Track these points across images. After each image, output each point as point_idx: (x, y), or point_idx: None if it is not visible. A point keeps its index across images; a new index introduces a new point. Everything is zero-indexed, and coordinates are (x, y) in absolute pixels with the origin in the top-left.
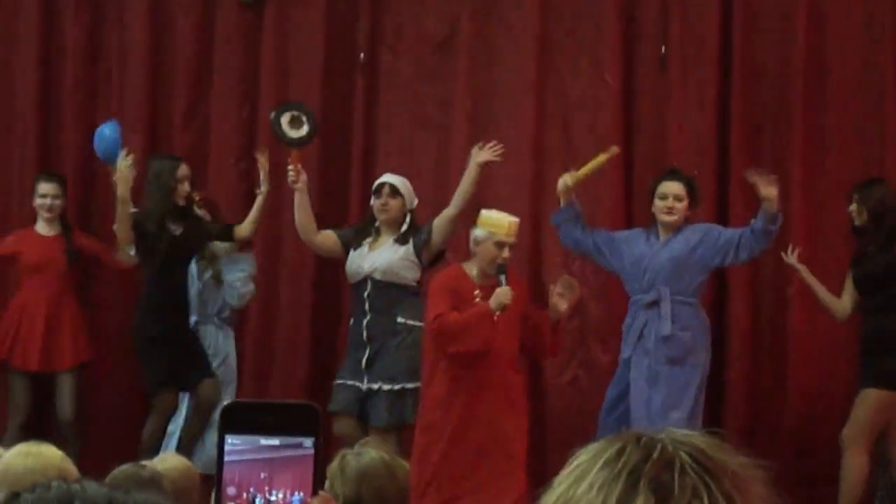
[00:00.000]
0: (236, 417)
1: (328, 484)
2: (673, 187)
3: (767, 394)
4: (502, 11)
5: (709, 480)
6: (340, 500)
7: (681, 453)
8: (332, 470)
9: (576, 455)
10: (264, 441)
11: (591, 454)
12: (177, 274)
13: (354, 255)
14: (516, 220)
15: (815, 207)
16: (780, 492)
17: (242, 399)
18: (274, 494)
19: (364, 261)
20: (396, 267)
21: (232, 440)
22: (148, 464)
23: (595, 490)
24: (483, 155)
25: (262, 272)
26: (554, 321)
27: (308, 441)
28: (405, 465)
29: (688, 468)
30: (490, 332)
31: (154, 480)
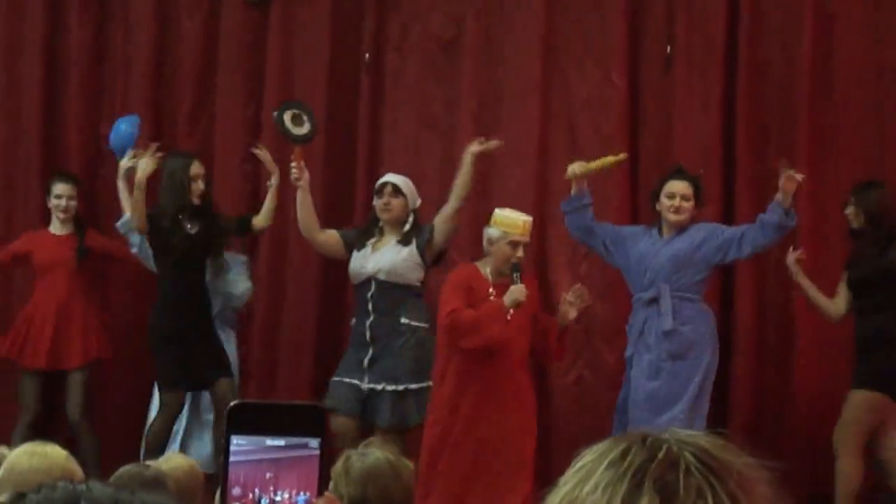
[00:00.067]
0: (242, 418)
1: (332, 485)
2: (680, 187)
3: (772, 393)
4: (508, 11)
5: (714, 481)
6: (345, 501)
7: (686, 453)
8: (337, 470)
9: (581, 455)
10: (270, 441)
11: (597, 454)
12: (192, 272)
13: (358, 256)
14: (530, 219)
15: (820, 207)
16: (785, 492)
17: (249, 400)
18: (279, 495)
19: (367, 261)
20: (400, 267)
21: (238, 440)
22: (152, 463)
23: (600, 490)
24: (475, 147)
25: (268, 272)
26: (562, 328)
27: (314, 442)
28: (410, 466)
29: (693, 468)
30: (503, 329)
31: (158, 480)
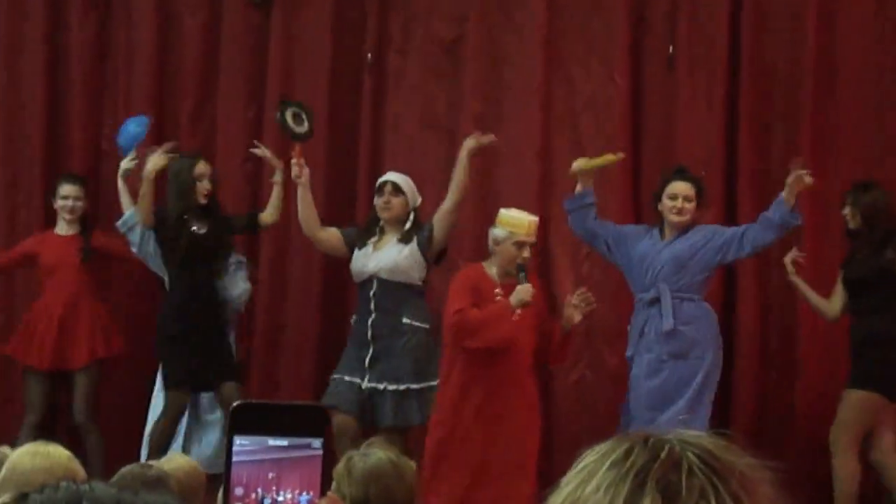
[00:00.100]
0: (245, 418)
1: (335, 485)
2: (683, 188)
3: (775, 394)
4: (510, 12)
5: (716, 481)
6: (348, 501)
7: (688, 454)
8: (339, 471)
9: (583, 456)
10: (273, 442)
11: (599, 454)
12: (200, 273)
13: (359, 255)
14: (536, 220)
15: (823, 207)
16: (788, 492)
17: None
18: (281, 495)
19: (369, 260)
20: (402, 266)
21: (240, 441)
22: (154, 463)
23: (602, 491)
24: (471, 142)
25: (270, 272)
26: (566, 331)
27: (317, 442)
28: (412, 466)
29: (695, 469)
30: (509, 328)
31: (161, 480)
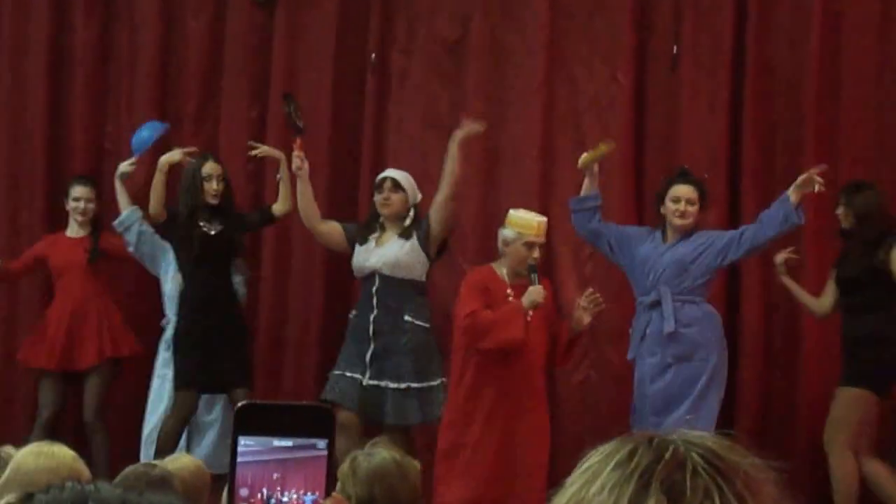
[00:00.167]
0: (250, 418)
1: (339, 485)
2: (685, 190)
3: (779, 395)
4: (514, 11)
5: (721, 482)
6: (353, 501)
7: (693, 454)
8: (344, 471)
9: (587, 456)
10: (277, 442)
11: (603, 455)
12: (216, 274)
13: (360, 250)
14: (545, 220)
15: (827, 207)
16: (792, 493)
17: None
18: (286, 495)
19: (371, 255)
20: (403, 261)
21: (245, 441)
22: (158, 463)
23: (607, 491)
24: (459, 132)
25: (272, 269)
26: (574, 333)
27: (321, 443)
28: (416, 465)
29: (700, 469)
30: (521, 329)
31: (165, 480)
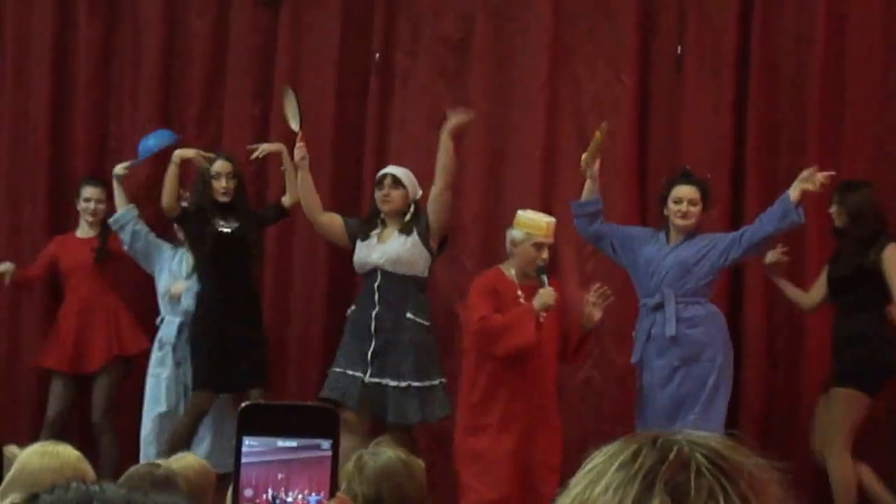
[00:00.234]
0: (254, 419)
1: (345, 485)
2: (687, 191)
3: (782, 394)
4: (517, 12)
5: (725, 482)
6: (360, 500)
7: (697, 455)
8: (349, 470)
9: (591, 457)
10: (282, 443)
11: (607, 455)
12: (227, 273)
13: (362, 246)
14: (553, 221)
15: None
16: (796, 493)
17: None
18: (290, 496)
19: (373, 251)
20: (405, 257)
21: (249, 441)
22: (163, 463)
23: (611, 491)
24: (449, 123)
25: (274, 268)
26: (586, 331)
27: (326, 443)
28: (421, 464)
29: (704, 470)
30: (533, 332)
31: (169, 480)
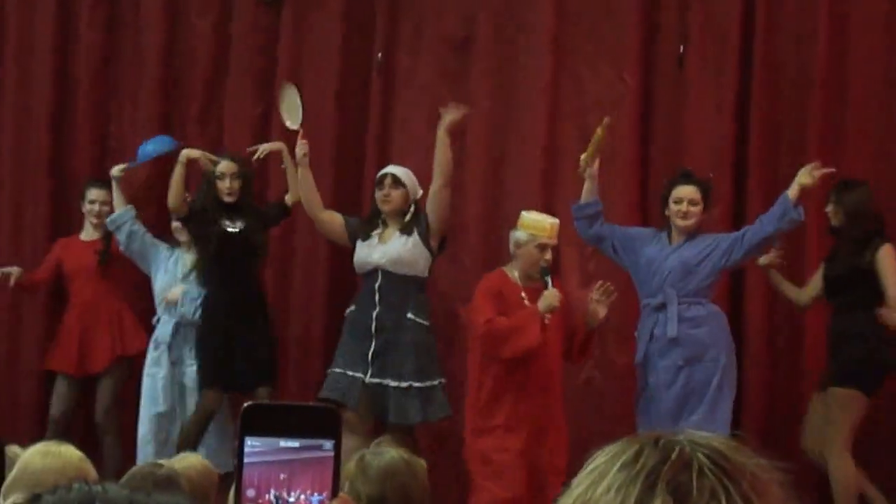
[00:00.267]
0: (256, 419)
1: (347, 485)
2: (688, 191)
3: (783, 394)
4: (520, 11)
5: (727, 482)
6: (364, 500)
7: (699, 455)
8: (352, 470)
9: (593, 457)
10: (284, 443)
11: (609, 456)
12: (233, 273)
13: (363, 246)
14: (557, 222)
15: None
16: (798, 493)
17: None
18: (293, 496)
19: (374, 251)
20: (406, 257)
21: (251, 442)
22: (165, 463)
23: (613, 492)
24: (445, 119)
25: (275, 267)
26: (590, 329)
27: (328, 443)
28: (423, 464)
29: (706, 470)
30: (538, 334)
31: (171, 480)
